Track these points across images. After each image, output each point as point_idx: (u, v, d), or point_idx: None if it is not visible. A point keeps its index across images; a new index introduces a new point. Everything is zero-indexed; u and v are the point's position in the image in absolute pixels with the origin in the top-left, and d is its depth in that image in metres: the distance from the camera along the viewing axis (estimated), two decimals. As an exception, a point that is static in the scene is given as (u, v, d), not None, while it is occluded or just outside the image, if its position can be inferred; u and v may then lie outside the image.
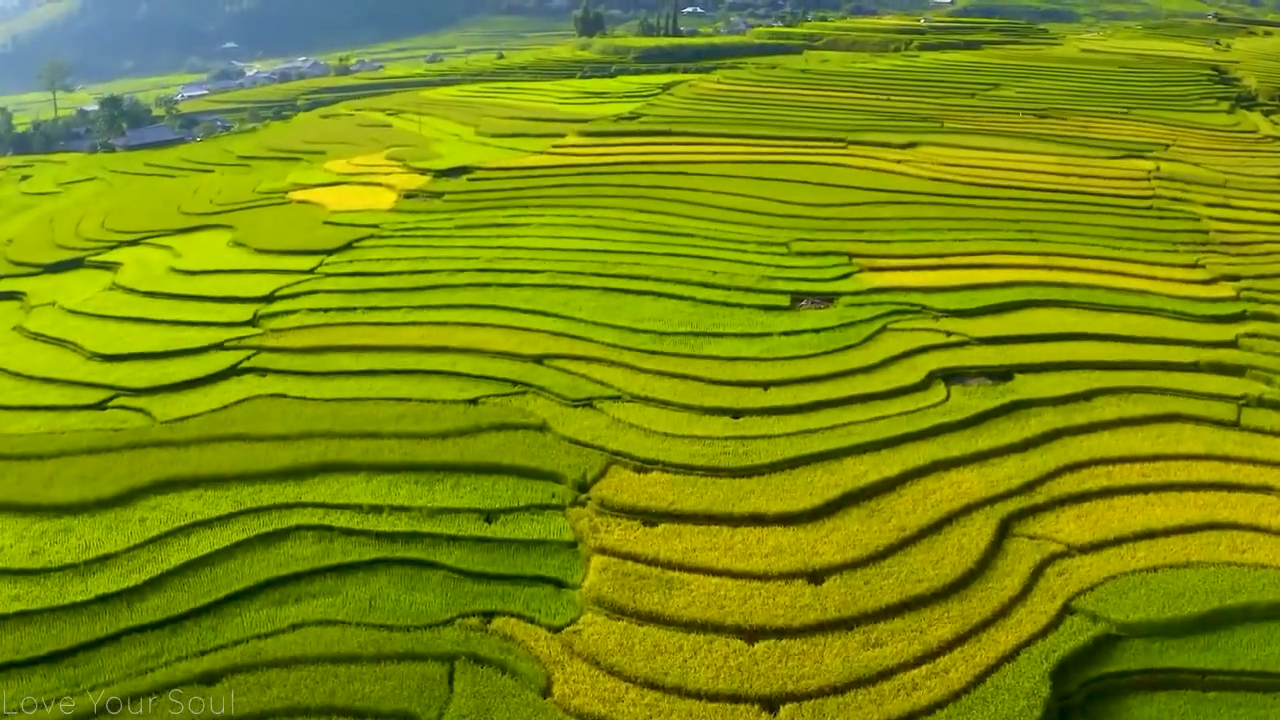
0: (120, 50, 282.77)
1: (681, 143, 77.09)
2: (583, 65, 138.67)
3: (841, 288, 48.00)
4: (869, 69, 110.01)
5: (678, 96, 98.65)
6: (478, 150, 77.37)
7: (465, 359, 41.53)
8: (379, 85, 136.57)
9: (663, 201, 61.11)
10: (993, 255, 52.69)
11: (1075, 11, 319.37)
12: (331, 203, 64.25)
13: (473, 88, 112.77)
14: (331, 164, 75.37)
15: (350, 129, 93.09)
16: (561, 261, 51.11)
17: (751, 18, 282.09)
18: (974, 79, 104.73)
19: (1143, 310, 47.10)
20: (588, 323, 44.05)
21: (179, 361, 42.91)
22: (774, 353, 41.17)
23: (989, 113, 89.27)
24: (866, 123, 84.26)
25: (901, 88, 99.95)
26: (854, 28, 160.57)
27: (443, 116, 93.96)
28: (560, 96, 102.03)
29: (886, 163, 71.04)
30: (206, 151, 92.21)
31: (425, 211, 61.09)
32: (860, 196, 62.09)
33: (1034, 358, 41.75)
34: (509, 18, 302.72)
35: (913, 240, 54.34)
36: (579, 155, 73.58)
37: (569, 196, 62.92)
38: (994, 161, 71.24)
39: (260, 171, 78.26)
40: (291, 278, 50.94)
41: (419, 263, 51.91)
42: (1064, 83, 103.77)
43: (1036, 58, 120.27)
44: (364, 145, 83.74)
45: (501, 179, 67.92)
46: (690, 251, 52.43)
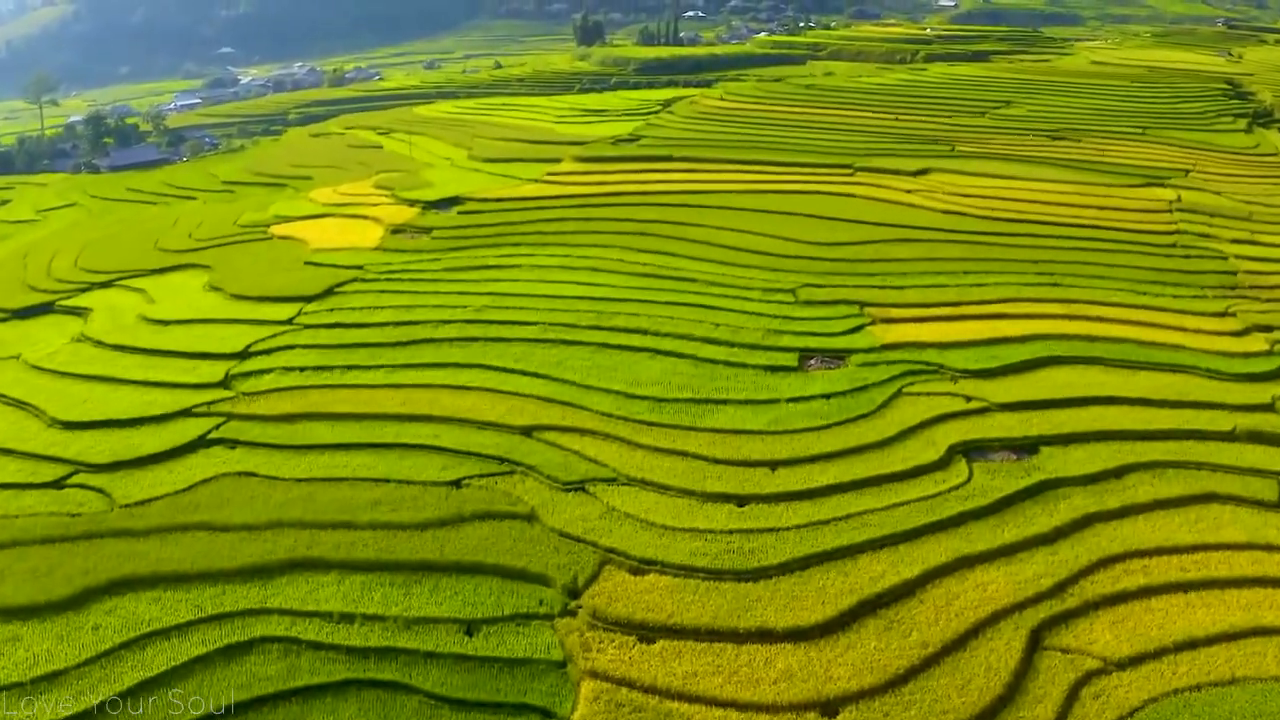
0: (115, 55, 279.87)
1: (682, 169, 74.14)
2: (581, 78, 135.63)
3: (853, 343, 45.07)
4: (875, 84, 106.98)
5: (678, 115, 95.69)
6: (469, 177, 74.46)
7: (449, 430, 38.67)
8: (372, 99, 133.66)
9: (663, 239, 58.18)
10: (1012, 303, 49.78)
11: (1080, 15, 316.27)
12: (315, 239, 61.37)
13: (467, 104, 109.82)
14: (317, 192, 72.46)
15: (339, 150, 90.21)
16: (555, 311, 48.22)
17: (753, 21, 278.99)
18: (984, 96, 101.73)
19: (1173, 368, 44.17)
20: (582, 386, 41.16)
21: (144, 431, 40.07)
22: (781, 424, 38.24)
23: (1001, 134, 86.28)
24: (875, 145, 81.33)
25: (909, 105, 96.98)
26: (858, 37, 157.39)
27: (435, 137, 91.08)
28: (557, 114, 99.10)
29: (897, 192, 68.12)
30: (191, 175, 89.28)
31: (412, 250, 58.18)
32: (870, 233, 59.14)
33: (1060, 427, 38.87)
34: (508, 21, 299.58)
35: (927, 285, 51.39)
36: (575, 184, 70.68)
37: (564, 233, 60.04)
38: (1009, 191, 68.28)
39: (244, 200, 75.39)
40: (268, 329, 48.06)
41: (403, 312, 49.01)
42: (1076, 99, 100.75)
43: (1047, 71, 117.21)
44: (352, 170, 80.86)
45: (493, 211, 65.02)
46: (692, 299, 49.53)
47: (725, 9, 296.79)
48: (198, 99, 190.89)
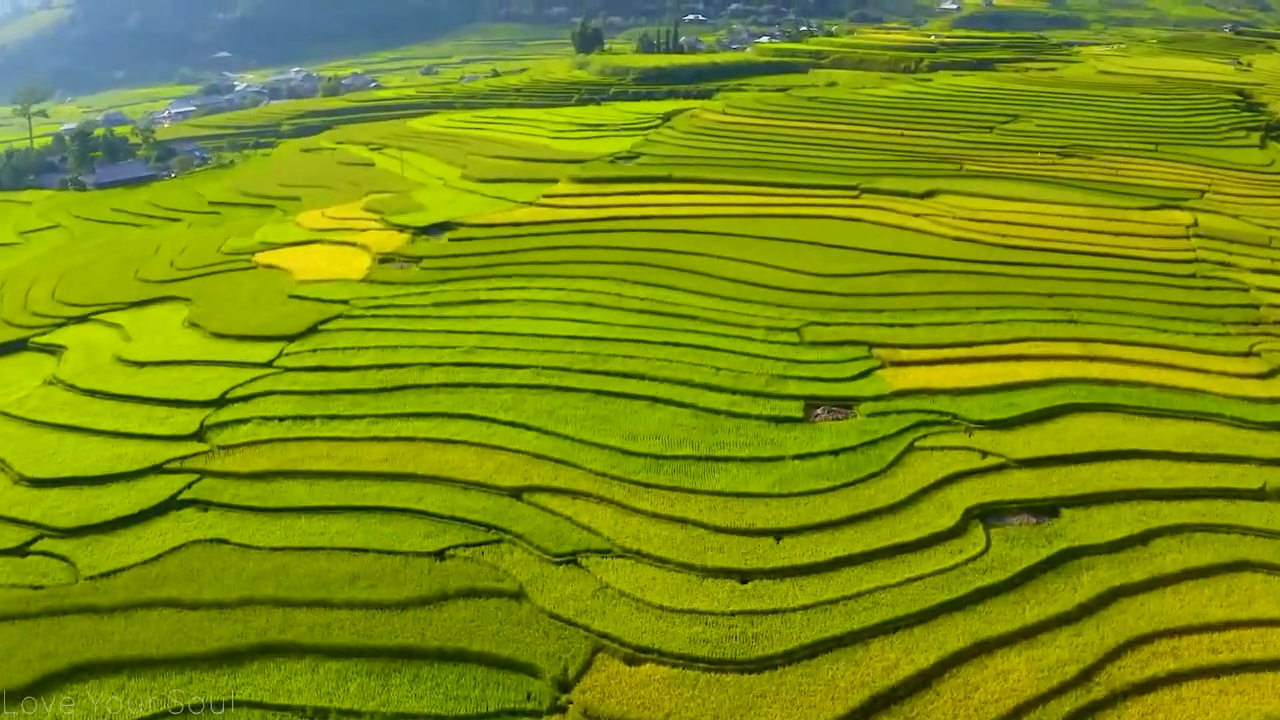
0: (112, 60, 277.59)
1: (682, 190, 71.93)
2: (579, 88, 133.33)
3: (861, 390, 42.87)
4: (879, 96, 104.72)
5: (678, 129, 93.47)
6: (462, 199, 72.29)
7: (434, 491, 36.51)
8: (366, 109, 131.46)
9: (662, 270, 55.97)
10: (1028, 343, 47.52)
11: (1083, 18, 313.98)
12: (300, 268, 59.22)
13: (462, 117, 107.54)
14: (305, 216, 70.30)
15: (330, 168, 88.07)
16: (548, 353, 46.04)
17: (755, 25, 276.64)
18: (991, 109, 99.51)
19: (1196, 416, 41.94)
20: (575, 440, 38.97)
21: (114, 490, 37.93)
22: (787, 486, 36.05)
23: (1010, 151, 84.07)
24: (880, 163, 79.14)
25: (914, 120, 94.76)
26: (861, 44, 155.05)
27: (428, 154, 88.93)
28: (554, 129, 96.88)
29: (905, 216, 65.95)
30: (177, 195, 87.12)
31: (400, 282, 55.99)
32: (878, 263, 56.93)
33: (1081, 486, 36.68)
34: (507, 25, 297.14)
35: (938, 323, 49.18)
36: (571, 208, 68.50)
37: (559, 263, 57.81)
38: (1020, 214, 66.02)
39: (230, 223, 73.27)
40: (247, 373, 45.90)
41: (389, 353, 46.84)
42: (1085, 112, 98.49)
43: (1054, 82, 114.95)
44: (342, 190, 78.72)
45: (485, 239, 62.83)
46: (692, 339, 47.35)
47: (726, 12, 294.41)
48: (192, 106, 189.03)
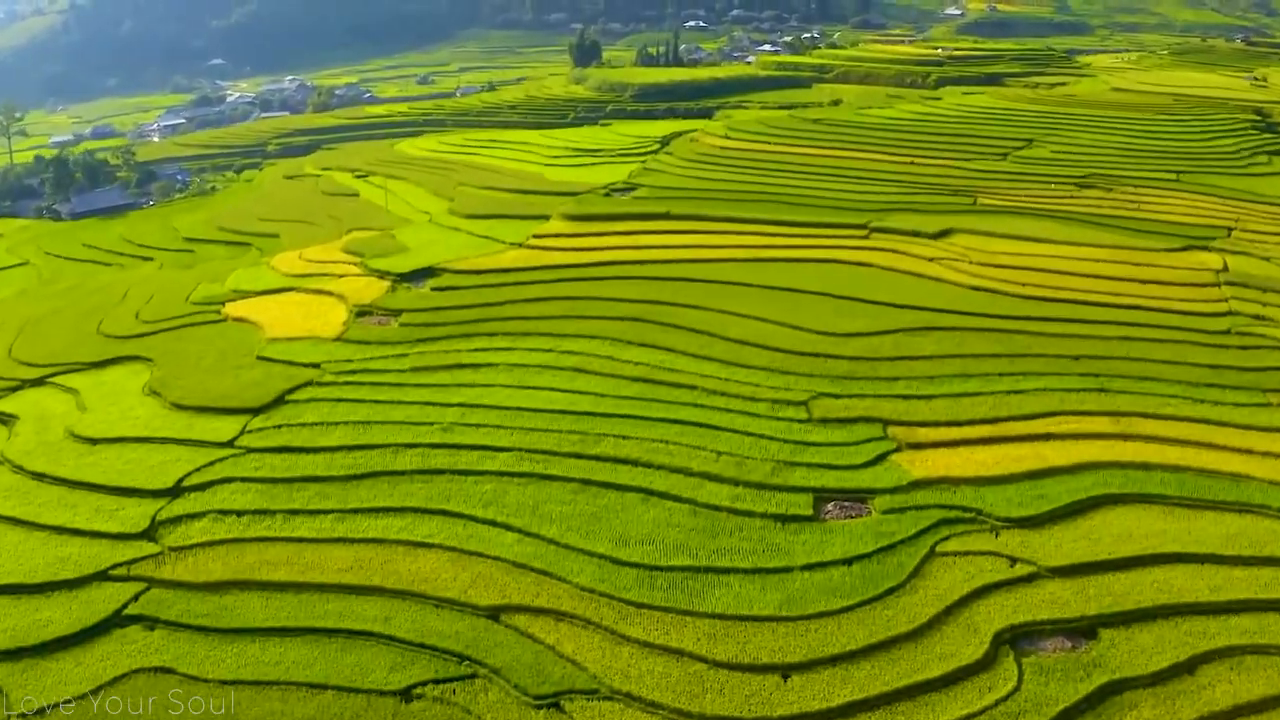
0: (105, 67, 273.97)
1: (681, 230, 68.02)
2: (576, 105, 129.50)
3: (876, 480, 38.95)
4: (887, 118, 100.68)
5: (677, 156, 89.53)
6: (447, 239, 68.36)
7: (403, 609, 32.69)
8: (356, 127, 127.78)
9: (658, 328, 52.04)
10: (1055, 418, 43.55)
11: (1088, 23, 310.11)
12: (272, 323, 55.33)
13: (454, 139, 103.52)
14: (281, 258, 66.40)
15: (312, 199, 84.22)
16: (533, 432, 42.19)
17: (756, 31, 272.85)
18: (1003, 133, 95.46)
19: (1242, 508, 37.96)
20: (560, 545, 35.10)
21: (55, 600, 34.32)
22: (796, 605, 32.16)
23: (1025, 181, 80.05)
24: (890, 197, 75.17)
25: (924, 145, 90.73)
26: (866, 58, 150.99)
27: (415, 183, 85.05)
28: (548, 154, 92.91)
29: (918, 260, 62.00)
30: (151, 229, 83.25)
31: (376, 342, 52.08)
32: (891, 319, 52.95)
33: (1120, 600, 32.81)
34: (505, 32, 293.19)
35: (958, 394, 45.26)
36: (562, 249, 64.63)
37: (547, 318, 53.92)
38: (1041, 259, 62.00)
39: (203, 265, 69.51)
40: (206, 454, 42.07)
41: (360, 431, 42.98)
42: (1101, 136, 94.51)
43: (1066, 101, 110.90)
44: (323, 225, 74.88)
45: (470, 288, 58.92)
46: (691, 414, 43.46)
47: (727, 18, 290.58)
48: (182, 119, 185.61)
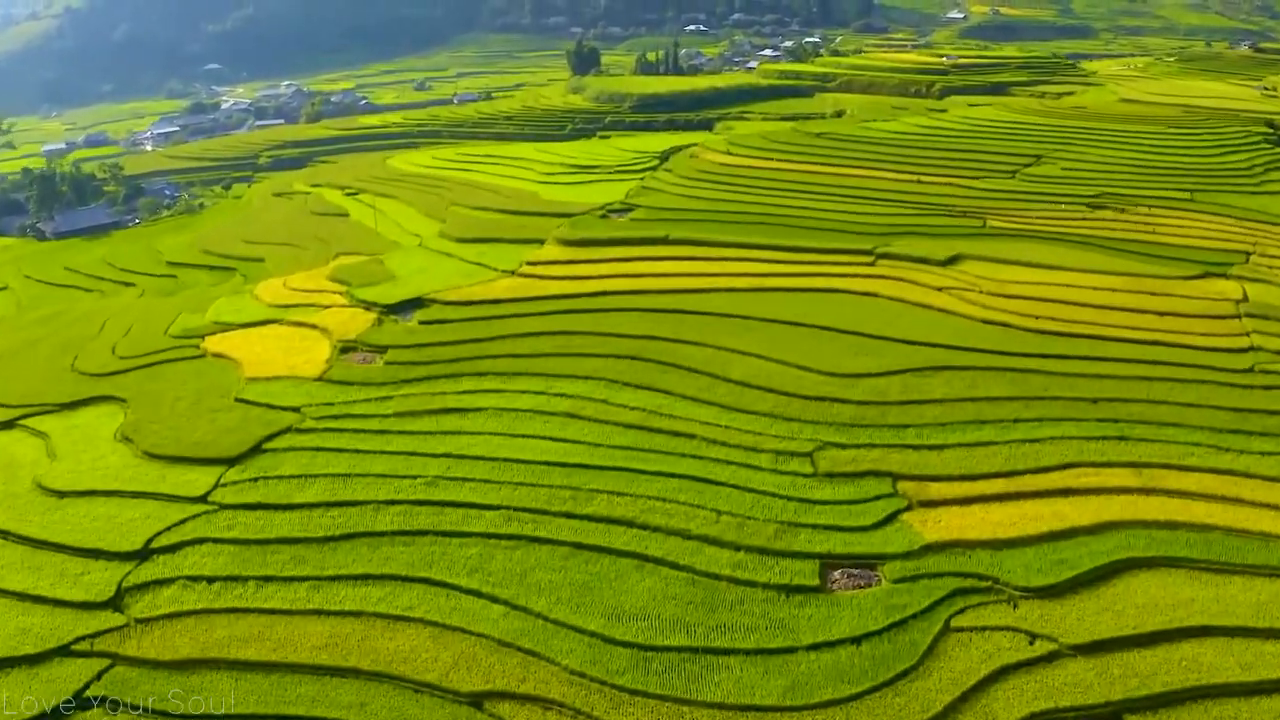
0: (100, 72, 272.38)
1: (680, 254, 65.64)
2: (574, 116, 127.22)
3: (886, 544, 36.55)
4: (892, 132, 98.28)
5: (676, 173, 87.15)
6: (438, 265, 66.02)
7: (379, 695, 30.37)
8: (349, 138, 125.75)
9: (655, 367, 49.67)
10: (1074, 469, 41.16)
11: (1092, 26, 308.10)
12: (252, 360, 52.97)
13: (447, 154, 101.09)
14: (265, 286, 64.05)
15: (300, 220, 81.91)
16: (522, 487, 39.82)
17: (757, 36, 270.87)
18: (1011, 148, 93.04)
19: (1272, 572, 35.61)
20: (549, 621, 32.73)
21: (14, 679, 32.00)
22: (801, 693, 29.77)
23: (1036, 201, 77.65)
24: (897, 219, 72.79)
25: (930, 161, 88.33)
26: (869, 67, 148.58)
27: (407, 202, 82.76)
28: (544, 171, 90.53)
29: (926, 290, 59.60)
30: (135, 251, 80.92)
31: (360, 383, 49.67)
32: (899, 357, 50.52)
33: (1146, 682, 30.41)
34: (504, 36, 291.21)
35: (971, 443, 42.84)
36: (556, 278, 62.22)
37: (540, 355, 51.52)
38: (1054, 289, 59.60)
39: (185, 292, 67.22)
40: (178, 510, 39.71)
41: (340, 485, 40.61)
42: (1111, 151, 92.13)
43: (1074, 113, 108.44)
44: (310, 249, 72.60)
45: (459, 321, 56.51)
46: (689, 467, 41.08)
47: (728, 22, 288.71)
48: (176, 127, 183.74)
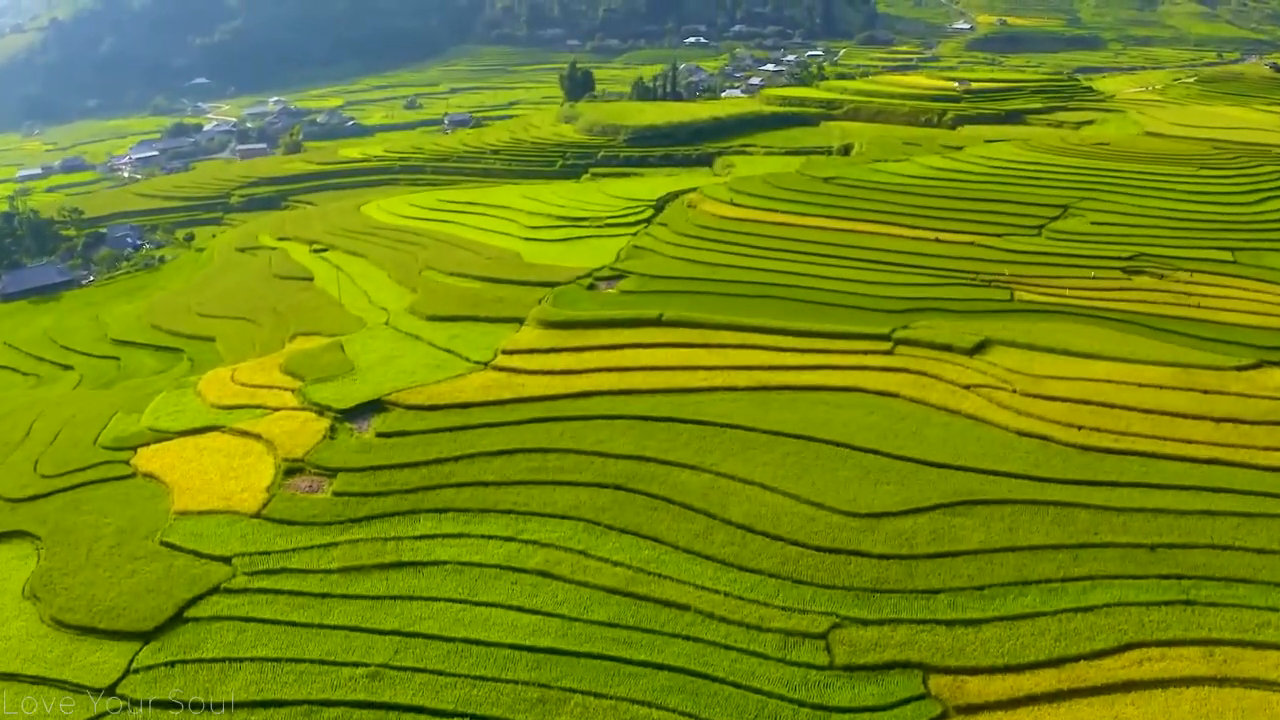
0: (84, 87, 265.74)
1: (674, 341, 58.71)
2: (565, 150, 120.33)
3: (922, 778, 29.87)
4: (904, 178, 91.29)
5: (672, 229, 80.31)
6: (403, 352, 59.07)
7: None
8: (327, 174, 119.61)
9: (644, 503, 42.91)
10: (1135, 653, 34.47)
11: (1101, 37, 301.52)
12: (185, 484, 46.29)
13: (426, 201, 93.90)
14: (210, 380, 57.24)
15: (260, 285, 75.33)
16: (481, 685, 33.15)
17: (758, 50, 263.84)
18: (1034, 196, 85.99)
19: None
20: None
21: None
22: None
23: (1065, 265, 70.71)
24: (916, 290, 65.99)
25: (948, 214, 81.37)
26: (878, 93, 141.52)
27: (378, 263, 76.12)
28: (528, 224, 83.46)
29: (953, 388, 52.77)
30: (79, 326, 74.21)
31: (303, 522, 42.89)
32: (926, 486, 43.75)
33: None
34: (498, 48, 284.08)
35: (1013, 616, 36.09)
36: (535, 373, 55.31)
37: (510, 483, 44.75)
38: (1094, 385, 52.58)
39: (124, 384, 60.59)
40: (80, 707, 33.18)
41: (268, 677, 33.91)
42: (1142, 201, 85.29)
43: (1098, 153, 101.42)
44: (265, 325, 66.07)
45: (421, 432, 49.62)
46: (681, 655, 34.40)
47: (728, 34, 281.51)
48: (155, 151, 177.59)
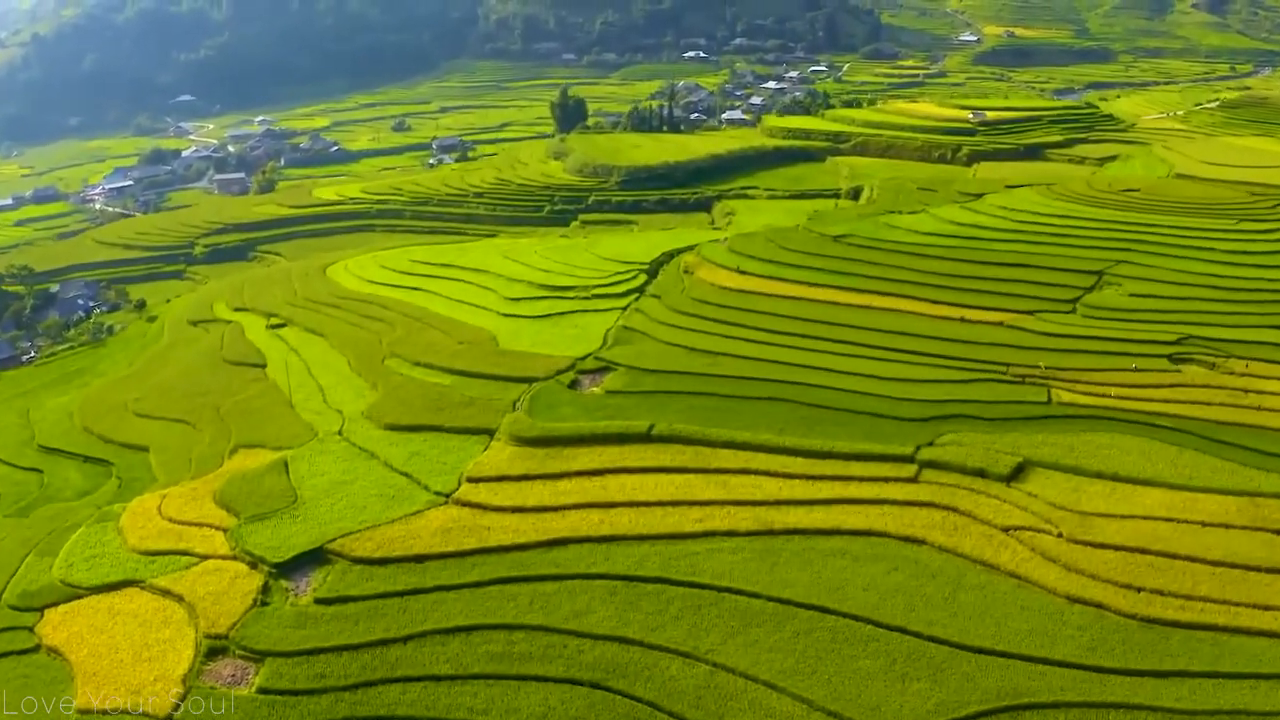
0: (65, 105, 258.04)
1: (665, 466, 50.79)
2: (553, 193, 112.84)
3: None
4: (921, 236, 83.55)
5: (666, 303, 72.69)
6: (355, 477, 51.18)
7: None
8: (298, 220, 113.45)
9: (623, 708, 35.55)
10: None
11: (1111, 49, 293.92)
12: (90, 665, 39.15)
13: (398, 262, 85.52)
14: (135, 514, 49.71)
15: (207, 373, 68.14)
16: None
17: (760, 65, 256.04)
18: (1064, 261, 77.99)
19: None
20: None
21: None
22: None
23: (1105, 354, 63.07)
24: (941, 388, 58.47)
25: (971, 283, 73.78)
26: (887, 124, 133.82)
27: (338, 344, 68.74)
28: (508, 295, 75.41)
29: (989, 530, 45.23)
30: (5, 426, 66.48)
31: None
32: (962, 681, 36.32)
33: None
34: (492, 63, 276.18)
35: None
36: (501, 510, 47.69)
37: (467, 677, 37.32)
38: (1150, 526, 44.98)
39: (43, 510, 53.46)
40: None
41: None
42: (1182, 264, 77.58)
43: (1129, 202, 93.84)
44: (206, 430, 58.98)
45: (367, 598, 42.12)
46: None
47: (728, 48, 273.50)
48: (130, 180, 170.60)
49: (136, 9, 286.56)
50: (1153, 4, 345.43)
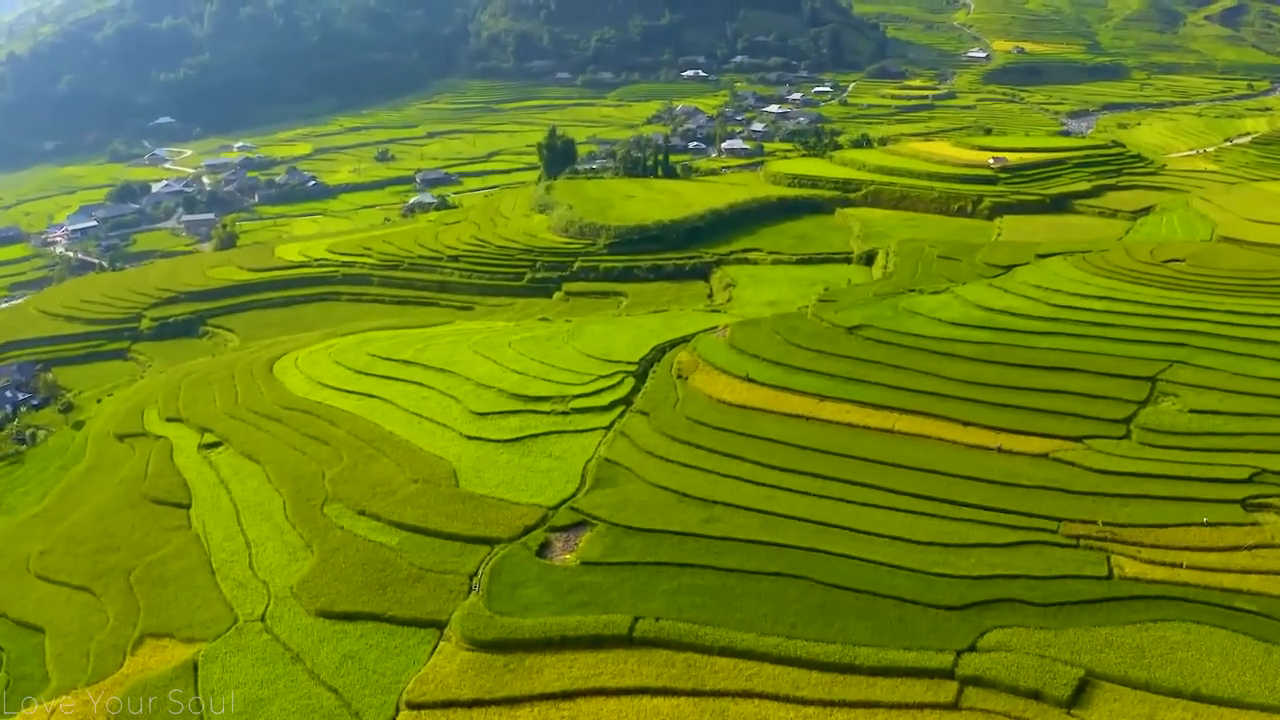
0: (41, 129, 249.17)
1: (650, 685, 41.46)
2: (534, 258, 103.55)
3: None
4: (946, 328, 74.20)
5: (656, 423, 63.26)
6: (274, 687, 42.12)
7: None
8: (255, 286, 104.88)
9: None
10: None
11: (1124, 65, 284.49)
12: None
13: (354, 359, 75.30)
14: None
15: (125, 517, 58.54)
16: None
17: (761, 85, 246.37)
18: (1111, 364, 67.94)
19: None
20: None
21: None
22: None
23: (1168, 502, 53.65)
24: (980, 554, 49.15)
25: (1005, 392, 64.51)
26: (900, 170, 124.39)
27: (276, 475, 59.49)
28: (474, 406, 65.89)
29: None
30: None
31: None
32: None
33: None
34: (484, 82, 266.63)
35: None
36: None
37: None
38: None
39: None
40: None
41: None
42: (1243, 366, 68.06)
43: (1174, 278, 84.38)
44: (110, 607, 49.50)
45: None
46: None
47: (728, 66, 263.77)
48: (94, 220, 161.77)
49: (116, 26, 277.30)
50: (1164, 17, 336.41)
